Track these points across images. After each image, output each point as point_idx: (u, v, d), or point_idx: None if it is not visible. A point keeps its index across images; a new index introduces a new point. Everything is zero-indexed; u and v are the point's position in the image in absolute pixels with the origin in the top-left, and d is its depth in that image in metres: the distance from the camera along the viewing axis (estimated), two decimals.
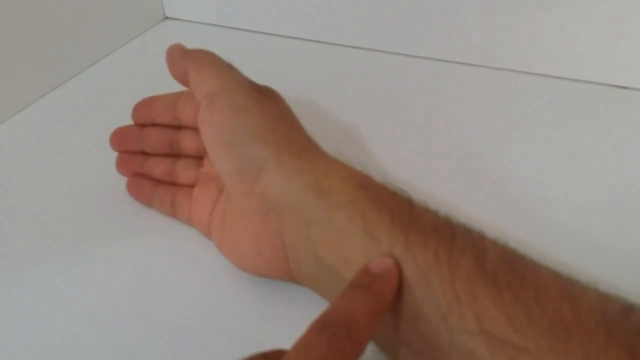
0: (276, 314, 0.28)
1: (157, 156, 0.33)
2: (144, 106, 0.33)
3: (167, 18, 0.57)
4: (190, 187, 0.31)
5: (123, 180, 0.34)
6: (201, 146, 0.30)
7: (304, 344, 0.19)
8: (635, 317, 0.20)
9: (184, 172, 0.32)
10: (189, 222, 0.32)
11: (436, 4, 0.44)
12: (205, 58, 0.29)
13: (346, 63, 0.48)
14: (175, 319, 0.28)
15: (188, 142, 0.31)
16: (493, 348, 0.19)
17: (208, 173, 0.31)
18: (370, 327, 0.20)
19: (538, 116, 0.39)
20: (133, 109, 0.33)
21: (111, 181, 0.34)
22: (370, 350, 0.24)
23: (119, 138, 0.34)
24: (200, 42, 0.31)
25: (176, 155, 0.32)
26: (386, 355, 0.24)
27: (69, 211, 0.34)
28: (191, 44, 0.31)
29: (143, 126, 0.33)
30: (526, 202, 0.33)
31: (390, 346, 0.23)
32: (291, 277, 0.26)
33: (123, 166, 0.34)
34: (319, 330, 0.19)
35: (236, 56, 0.31)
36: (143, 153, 0.33)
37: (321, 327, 0.19)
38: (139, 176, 0.33)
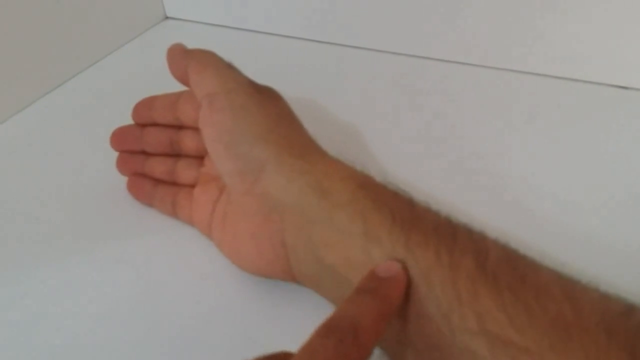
0: (277, 314, 0.28)
1: (158, 156, 0.33)
2: (145, 106, 0.33)
3: (168, 18, 0.57)
4: (191, 187, 0.31)
5: (123, 180, 0.34)
6: (202, 146, 0.30)
7: (310, 349, 0.18)
8: (636, 318, 0.20)
9: (185, 172, 0.32)
10: (190, 222, 0.32)
11: (436, 4, 0.44)
12: (205, 58, 0.29)
13: (346, 63, 0.48)
14: (175, 319, 0.28)
15: (189, 142, 0.31)
16: (494, 348, 0.19)
17: (209, 173, 0.31)
18: (377, 332, 0.20)
19: (538, 116, 0.39)
20: (133, 109, 0.33)
21: (111, 181, 0.34)
22: None
23: (120, 138, 0.34)
24: (200, 42, 0.31)
25: (177, 155, 0.32)
26: (387, 355, 0.24)
27: (69, 211, 0.34)
28: (192, 44, 0.31)
29: (143, 126, 0.33)
30: (526, 202, 0.33)
31: (391, 346, 0.23)
32: (292, 277, 0.26)
33: (123, 166, 0.34)
34: (326, 334, 0.19)
35: (236, 56, 0.31)
36: (143, 153, 0.33)
37: (327, 332, 0.19)
38: (140, 176, 0.33)
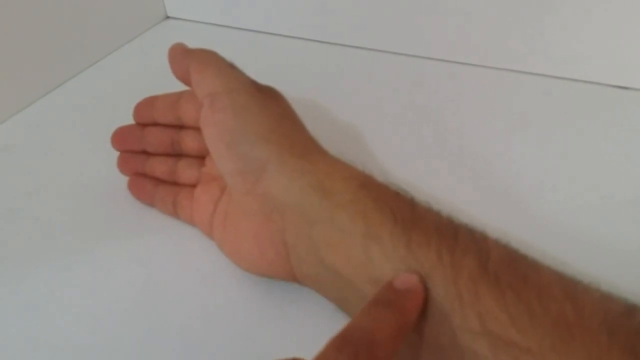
0: (277, 314, 0.28)
1: (159, 156, 0.33)
2: (146, 106, 0.33)
3: (169, 17, 0.57)
4: (192, 187, 0.31)
5: (124, 180, 0.34)
6: (203, 146, 0.30)
7: None
8: (637, 318, 0.20)
9: (186, 172, 0.32)
10: (191, 222, 0.32)
11: (436, 4, 0.44)
12: (207, 57, 0.29)
13: (346, 63, 0.48)
14: (176, 319, 0.28)
15: (190, 142, 0.31)
16: (496, 348, 0.19)
17: (210, 173, 0.31)
18: (393, 347, 0.19)
19: (538, 116, 0.39)
20: (134, 109, 0.33)
21: (112, 181, 0.34)
22: None
23: (120, 138, 0.33)
24: (201, 42, 0.31)
25: (178, 154, 0.32)
26: None
27: (69, 211, 0.34)
28: (193, 44, 0.31)
29: (144, 126, 0.33)
30: (527, 202, 0.33)
31: None
32: (293, 277, 0.26)
33: (124, 166, 0.34)
34: (340, 347, 0.18)
35: (238, 56, 0.31)
36: (144, 153, 0.33)
37: (342, 344, 0.18)
38: (141, 176, 0.33)
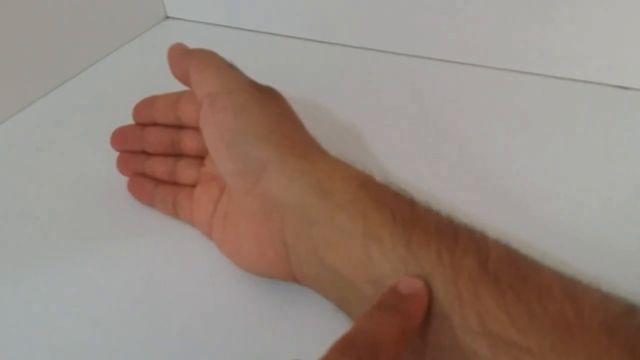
0: (277, 314, 0.28)
1: (159, 156, 0.33)
2: (145, 106, 0.33)
3: (168, 17, 0.57)
4: (191, 187, 0.31)
5: (124, 180, 0.34)
6: (202, 146, 0.30)
7: None
8: (637, 318, 0.20)
9: (186, 172, 0.32)
10: (191, 222, 0.32)
11: (436, 4, 0.44)
12: (207, 57, 0.29)
13: (346, 63, 0.48)
14: (176, 319, 0.28)
15: (189, 142, 0.31)
16: (496, 348, 0.19)
17: (209, 173, 0.31)
18: (396, 351, 0.19)
19: (538, 116, 0.39)
20: (134, 109, 0.33)
21: (112, 181, 0.34)
22: None
23: (120, 138, 0.33)
24: (201, 42, 0.31)
25: (177, 155, 0.32)
26: None
27: (69, 211, 0.34)
28: (192, 44, 0.31)
29: (144, 126, 0.33)
30: (527, 202, 0.33)
31: None
32: (293, 277, 0.26)
33: (124, 166, 0.34)
34: (343, 350, 0.18)
35: (238, 56, 0.31)
36: (144, 153, 0.33)
37: (345, 349, 0.18)
38: (140, 176, 0.33)
